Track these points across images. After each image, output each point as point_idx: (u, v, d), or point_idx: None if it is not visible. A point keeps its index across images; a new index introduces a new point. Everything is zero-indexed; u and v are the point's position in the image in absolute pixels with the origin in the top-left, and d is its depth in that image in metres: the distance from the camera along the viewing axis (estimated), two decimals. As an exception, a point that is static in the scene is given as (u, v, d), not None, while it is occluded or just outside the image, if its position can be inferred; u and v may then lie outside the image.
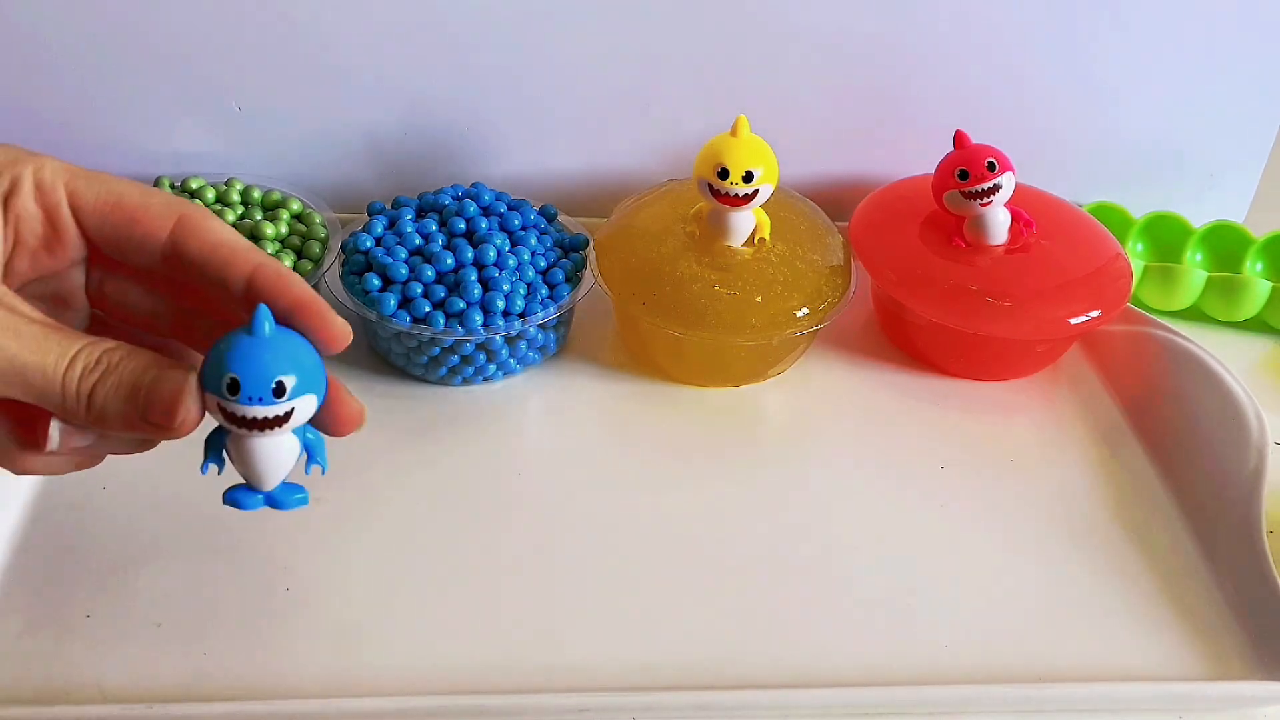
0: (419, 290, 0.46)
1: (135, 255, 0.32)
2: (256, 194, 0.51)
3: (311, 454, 0.32)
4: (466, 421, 0.47)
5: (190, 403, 0.29)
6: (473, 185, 0.51)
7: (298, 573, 0.39)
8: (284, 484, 0.32)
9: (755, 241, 0.48)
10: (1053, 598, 0.40)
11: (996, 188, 0.48)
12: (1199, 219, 0.58)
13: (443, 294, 0.45)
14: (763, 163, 0.45)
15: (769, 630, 0.39)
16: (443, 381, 0.48)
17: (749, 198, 0.46)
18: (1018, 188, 0.50)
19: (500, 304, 0.45)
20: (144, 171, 0.55)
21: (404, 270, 0.46)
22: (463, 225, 0.48)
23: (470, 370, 0.47)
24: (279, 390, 0.29)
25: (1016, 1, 0.54)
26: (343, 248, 0.49)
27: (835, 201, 0.55)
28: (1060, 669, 0.38)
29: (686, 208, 0.49)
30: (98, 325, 0.35)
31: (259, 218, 0.49)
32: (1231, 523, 0.42)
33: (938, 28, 0.55)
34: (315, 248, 0.49)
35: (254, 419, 0.29)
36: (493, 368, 0.48)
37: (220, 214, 0.48)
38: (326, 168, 0.56)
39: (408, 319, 0.45)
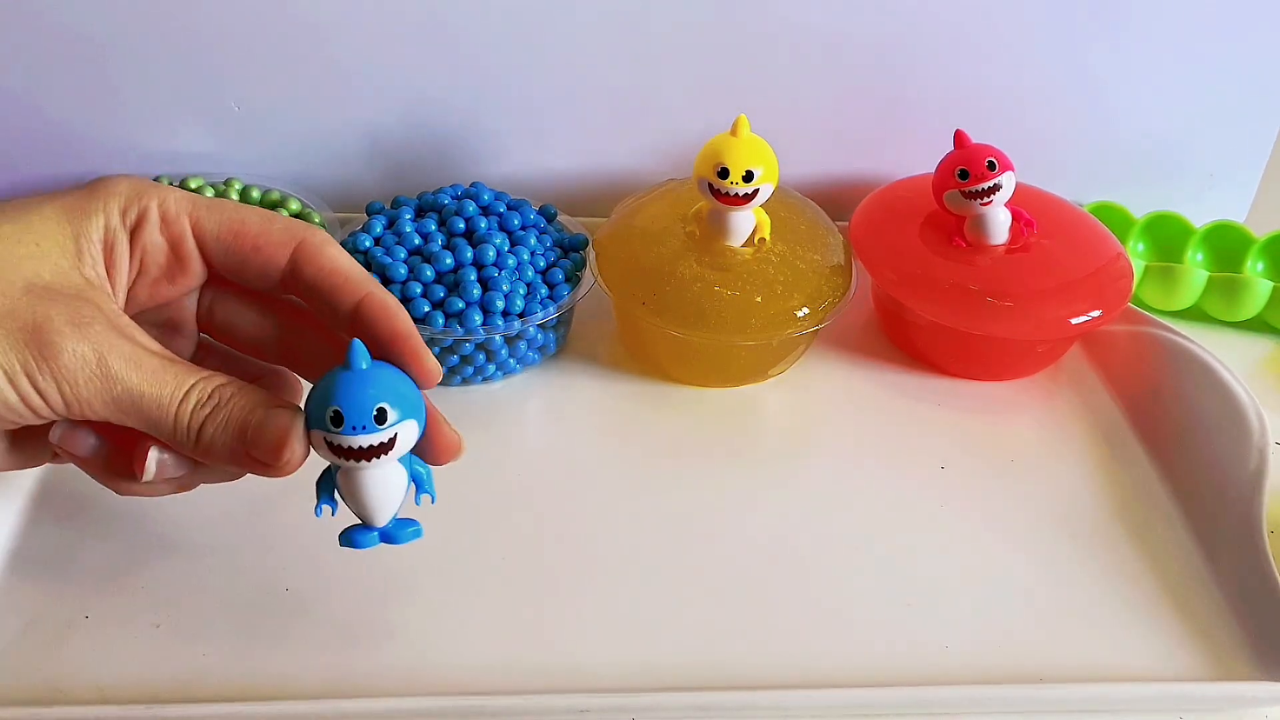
0: (418, 290, 0.45)
1: (254, 280, 0.33)
2: (255, 193, 0.51)
3: (420, 484, 0.33)
4: (466, 421, 0.46)
5: (295, 443, 0.30)
6: (472, 185, 0.51)
7: (297, 573, 0.39)
8: (395, 519, 0.33)
9: (755, 241, 0.48)
10: (1053, 598, 0.40)
11: (997, 187, 0.48)
12: (1200, 218, 0.58)
13: (442, 294, 0.45)
14: (763, 162, 0.45)
15: (769, 630, 0.39)
16: (442, 382, 0.48)
17: (749, 197, 0.46)
18: (1018, 187, 0.50)
19: (500, 304, 0.45)
20: (143, 171, 0.55)
21: (403, 270, 0.46)
22: (462, 225, 0.48)
23: (470, 370, 0.47)
24: (380, 417, 0.30)
25: (1017, 1, 0.54)
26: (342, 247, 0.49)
27: (835, 201, 0.55)
28: (1060, 669, 0.38)
29: (686, 207, 0.49)
30: (203, 349, 0.36)
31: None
32: (1232, 523, 0.42)
33: (938, 27, 0.55)
34: (315, 247, 0.49)
35: (359, 448, 0.30)
36: (492, 368, 0.48)
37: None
38: (325, 167, 0.56)
39: (407, 319, 0.45)
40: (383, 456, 0.30)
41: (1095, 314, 0.48)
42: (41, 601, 0.38)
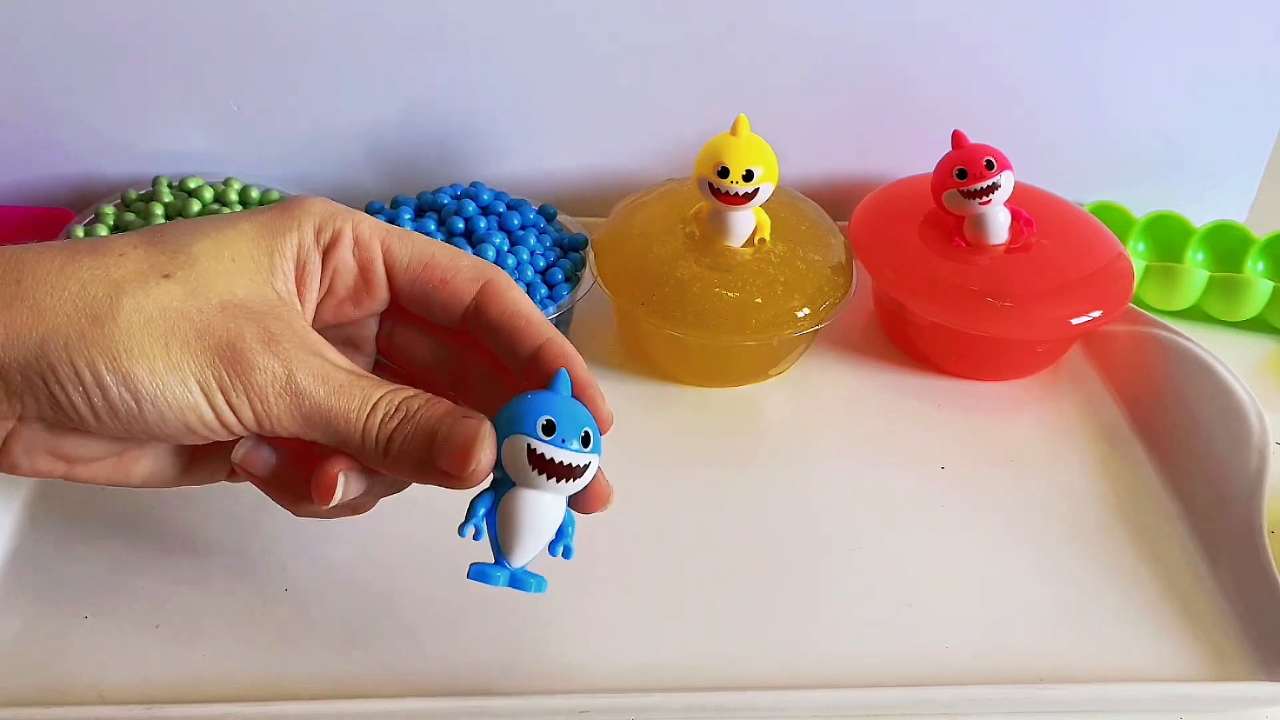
0: (418, 290, 0.45)
1: (437, 313, 0.34)
2: (255, 193, 0.51)
3: (563, 532, 0.32)
4: (466, 422, 0.47)
5: (482, 452, 0.30)
6: (472, 185, 0.51)
7: (297, 573, 0.39)
8: (526, 570, 0.32)
9: (755, 242, 0.48)
10: (1053, 598, 0.40)
11: (995, 186, 0.48)
12: (1200, 218, 0.58)
13: (442, 294, 0.45)
14: (763, 162, 0.45)
15: (769, 630, 0.39)
16: (442, 381, 0.48)
17: (749, 197, 0.46)
18: (1018, 187, 0.50)
19: (500, 304, 0.45)
20: (143, 171, 0.55)
21: (403, 270, 0.46)
22: (461, 225, 0.48)
23: (470, 370, 0.47)
24: (585, 440, 0.30)
25: (1017, 1, 0.54)
26: (342, 247, 0.49)
27: (835, 201, 0.55)
28: (1061, 669, 0.38)
29: (686, 208, 0.49)
30: (379, 371, 0.36)
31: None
32: (1233, 523, 0.42)
33: (939, 28, 0.54)
34: (314, 247, 0.49)
35: (563, 463, 0.30)
36: (492, 368, 0.48)
37: (217, 214, 0.48)
38: (325, 167, 0.56)
39: (407, 319, 0.45)
40: (571, 481, 0.30)
41: (1096, 314, 0.48)
42: (42, 602, 0.38)
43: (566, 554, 0.32)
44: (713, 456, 0.46)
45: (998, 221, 0.49)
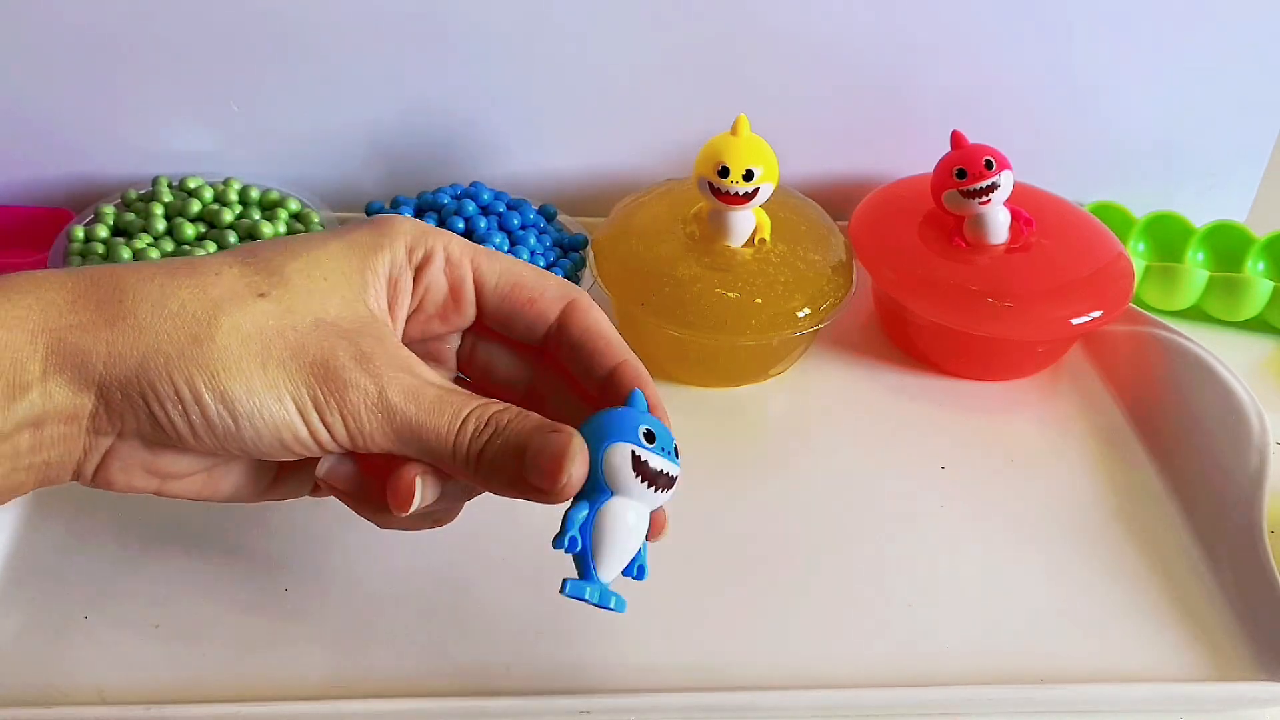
0: (418, 290, 0.45)
1: (522, 331, 0.35)
2: (254, 193, 0.51)
3: (640, 559, 0.32)
4: (466, 421, 0.47)
5: (575, 465, 0.30)
6: (472, 185, 0.51)
7: (297, 573, 0.39)
8: (609, 589, 0.31)
9: (755, 242, 0.48)
10: (1053, 598, 0.40)
11: (995, 186, 0.48)
12: (1200, 218, 0.58)
13: (442, 294, 0.45)
14: (763, 162, 0.45)
15: (769, 630, 0.39)
16: (442, 381, 0.48)
17: (749, 196, 0.46)
18: (1018, 187, 0.50)
19: (500, 304, 0.45)
20: (143, 171, 0.55)
21: (403, 270, 0.46)
22: (461, 225, 0.48)
23: (470, 370, 0.47)
24: (676, 453, 0.31)
25: (1017, 1, 0.54)
26: (342, 247, 0.49)
27: (835, 201, 0.55)
28: (1061, 669, 0.38)
29: (685, 208, 0.49)
30: (459, 384, 0.36)
31: (257, 217, 0.49)
32: (1233, 523, 0.42)
33: (939, 27, 0.54)
34: (314, 247, 0.49)
35: (665, 471, 0.30)
36: (492, 368, 0.48)
37: (218, 214, 0.48)
38: (325, 167, 0.56)
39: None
40: (666, 491, 0.31)
41: (1096, 314, 0.48)
42: (42, 602, 0.38)
43: (640, 574, 0.32)
44: (712, 457, 0.46)
45: (997, 221, 0.49)
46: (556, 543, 0.31)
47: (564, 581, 0.31)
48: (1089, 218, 0.53)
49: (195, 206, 0.49)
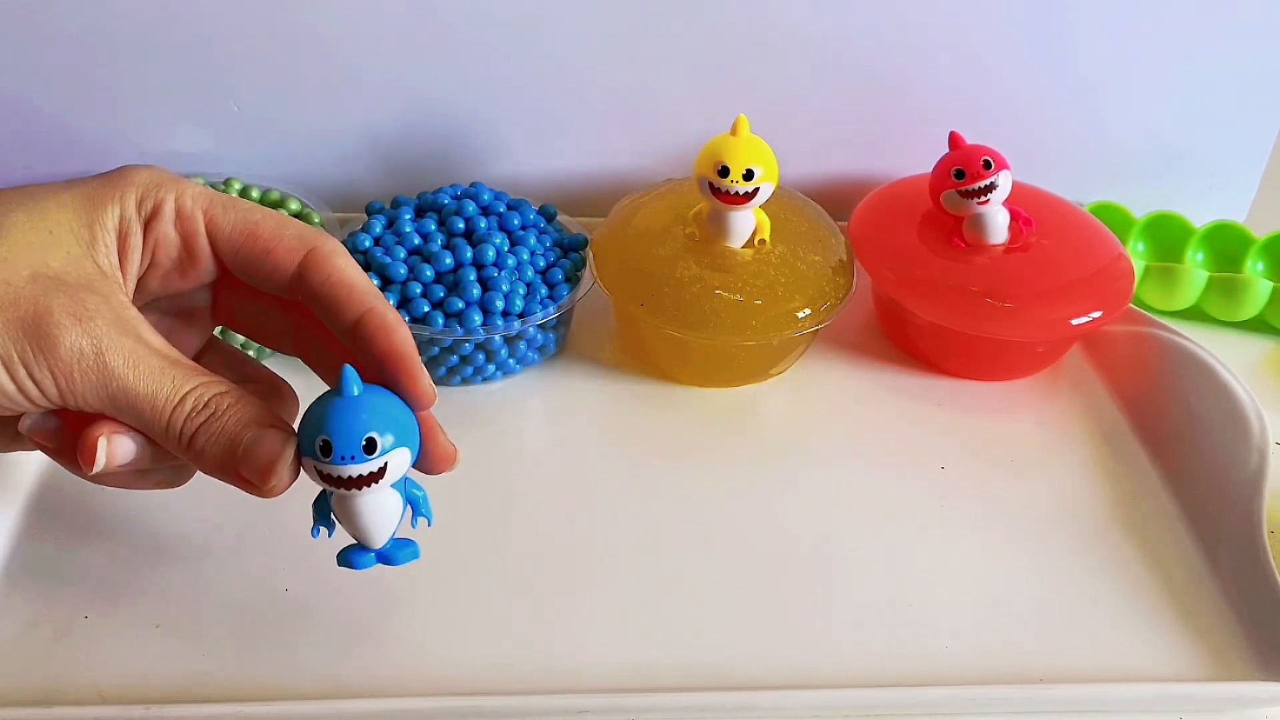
0: (418, 290, 0.45)
1: (263, 283, 0.33)
2: (255, 194, 0.51)
3: (416, 508, 0.33)
4: (466, 422, 0.47)
5: (283, 469, 0.30)
6: (472, 185, 0.51)
7: (297, 573, 0.39)
8: (393, 540, 0.33)
9: (755, 243, 0.48)
10: (1053, 598, 0.40)
11: (993, 186, 0.48)
12: (1200, 219, 0.58)
13: (441, 294, 0.45)
14: (763, 162, 0.45)
15: (769, 630, 0.39)
16: (442, 382, 0.48)
17: (749, 196, 0.46)
18: (1018, 187, 0.50)
19: (499, 304, 0.45)
20: (143, 171, 0.54)
21: (403, 270, 0.46)
22: (461, 225, 0.48)
23: (469, 370, 0.47)
24: (370, 447, 0.30)
25: (1017, 1, 0.54)
26: (342, 248, 0.49)
27: (835, 201, 0.55)
28: (1060, 669, 0.38)
29: (685, 208, 0.49)
30: (211, 345, 0.37)
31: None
32: (1233, 523, 0.42)
33: (938, 28, 0.54)
34: (314, 248, 0.49)
35: (349, 478, 0.30)
36: (492, 368, 0.48)
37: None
38: (325, 167, 0.56)
39: (406, 319, 0.45)
40: (373, 485, 0.30)
41: (1096, 315, 0.48)
42: (41, 601, 0.38)
43: (428, 522, 0.33)
44: (712, 457, 0.46)
45: (997, 221, 0.49)
46: (313, 533, 0.33)
47: (338, 554, 0.33)
48: (1088, 218, 0.53)
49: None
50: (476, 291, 0.45)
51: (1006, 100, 0.57)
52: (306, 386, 0.34)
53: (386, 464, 0.30)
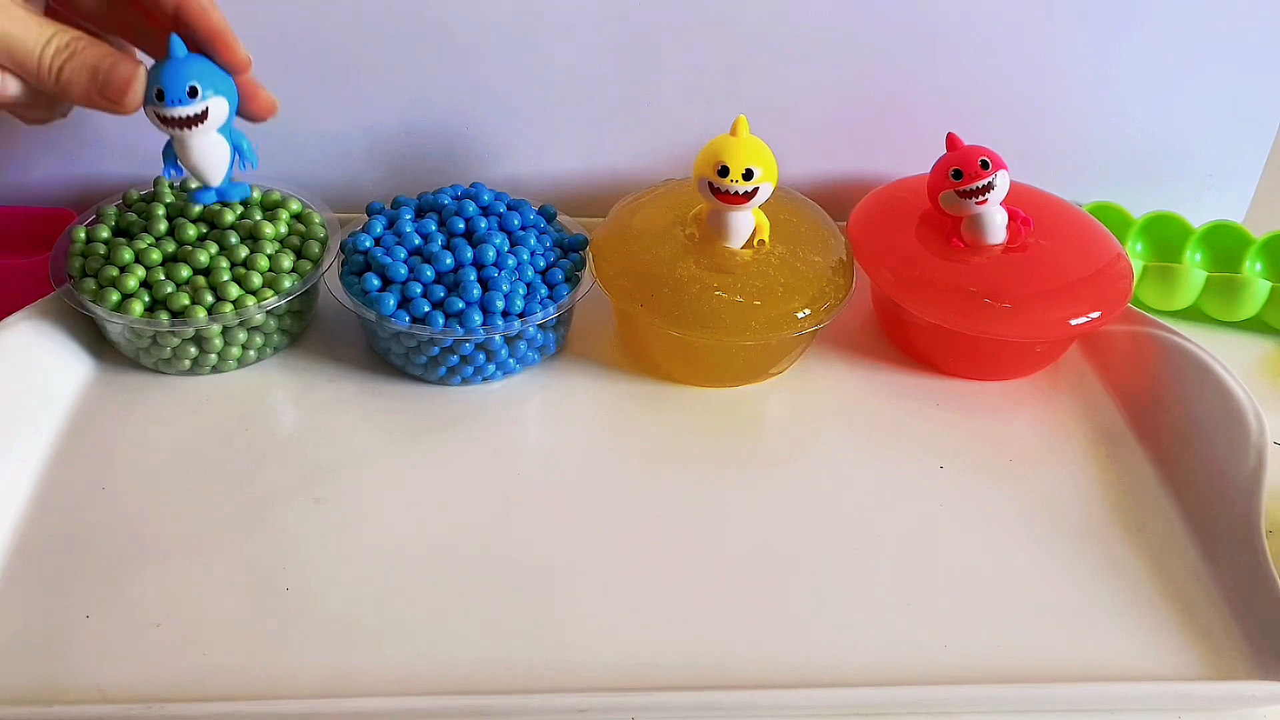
0: (418, 290, 0.46)
1: None
2: (256, 194, 0.51)
3: (241, 153, 0.44)
4: (466, 421, 0.47)
5: (137, 85, 0.40)
6: (472, 185, 0.51)
7: (298, 573, 0.39)
8: (229, 182, 0.44)
9: (755, 244, 0.48)
10: (1052, 598, 0.40)
11: (991, 186, 0.48)
12: (1198, 219, 0.58)
13: (442, 294, 0.45)
14: (762, 162, 0.45)
15: (769, 630, 0.39)
16: (442, 381, 0.48)
17: (749, 196, 0.46)
18: (1016, 187, 0.50)
19: (499, 304, 0.45)
20: (143, 172, 0.55)
21: (403, 270, 0.46)
22: (462, 225, 0.48)
23: (469, 370, 0.47)
24: (193, 93, 0.40)
25: (1017, 2, 0.54)
26: (342, 248, 0.49)
27: (835, 201, 0.55)
28: (1059, 669, 0.38)
29: (684, 208, 0.49)
30: (49, 14, 0.42)
31: (258, 217, 0.49)
32: (1231, 522, 0.42)
33: (938, 28, 0.55)
34: (314, 248, 0.49)
35: (178, 117, 0.41)
36: (492, 368, 0.48)
37: (219, 214, 0.48)
38: (325, 167, 0.57)
39: (407, 319, 0.45)
40: (200, 126, 0.41)
41: (1094, 315, 0.48)
42: (41, 601, 0.38)
43: (254, 165, 0.44)
44: (712, 456, 0.46)
45: (995, 222, 0.49)
46: (164, 174, 0.44)
47: (189, 193, 0.45)
48: (1087, 218, 0.53)
49: (197, 207, 0.49)
50: (476, 291, 0.45)
51: (1004, 101, 0.57)
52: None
53: (208, 108, 0.41)
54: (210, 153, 0.43)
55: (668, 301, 0.46)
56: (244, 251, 0.47)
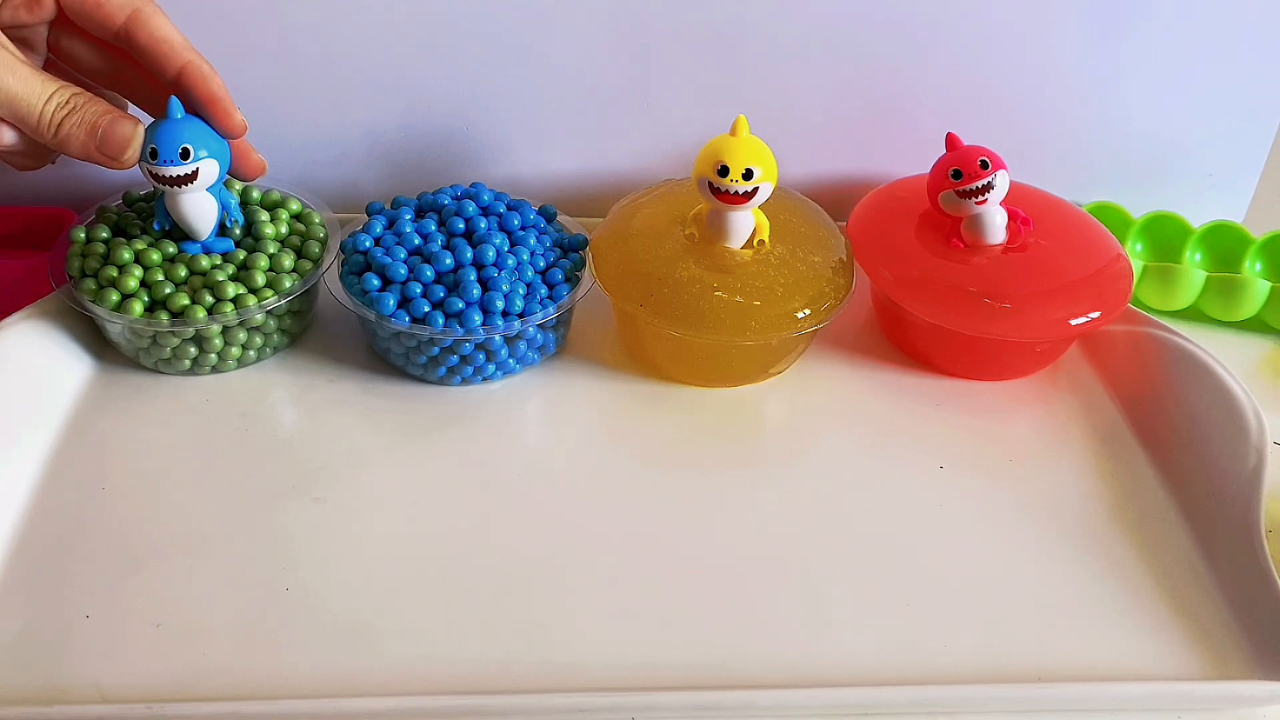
0: (418, 290, 0.46)
1: (96, 30, 0.42)
2: (256, 194, 0.51)
3: (230, 212, 0.46)
4: (466, 421, 0.47)
5: (136, 144, 0.41)
6: (472, 185, 0.51)
7: (297, 573, 0.40)
8: (214, 237, 0.46)
9: (755, 244, 0.48)
10: (1052, 598, 0.41)
11: (990, 186, 0.48)
12: (1198, 219, 0.58)
13: (442, 294, 0.46)
14: (762, 162, 0.45)
15: (769, 630, 0.39)
16: (442, 381, 0.48)
17: (749, 195, 0.46)
18: (1016, 188, 0.50)
19: (499, 304, 0.45)
20: (143, 171, 0.55)
21: (403, 270, 0.46)
22: (462, 225, 0.48)
23: (469, 370, 0.47)
24: (185, 154, 0.42)
25: (1017, 2, 0.54)
26: (342, 248, 0.49)
27: (835, 201, 0.55)
28: (1059, 669, 0.38)
29: (684, 209, 0.49)
30: (50, 68, 0.44)
31: (258, 218, 0.49)
32: (1231, 522, 0.42)
33: (937, 28, 0.55)
34: (314, 248, 0.49)
35: (170, 176, 0.42)
36: (492, 368, 0.48)
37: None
38: (325, 167, 0.57)
39: (407, 319, 0.45)
40: (190, 185, 0.43)
41: (1094, 315, 0.48)
42: (41, 601, 0.38)
43: (240, 224, 0.47)
44: (712, 456, 0.46)
45: (995, 222, 0.49)
46: (155, 225, 0.45)
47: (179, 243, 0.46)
48: (1087, 218, 0.53)
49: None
50: (476, 291, 0.45)
51: (1004, 101, 0.57)
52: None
53: (199, 169, 0.42)
54: (199, 209, 0.44)
55: (667, 301, 0.46)
56: (244, 251, 0.47)
